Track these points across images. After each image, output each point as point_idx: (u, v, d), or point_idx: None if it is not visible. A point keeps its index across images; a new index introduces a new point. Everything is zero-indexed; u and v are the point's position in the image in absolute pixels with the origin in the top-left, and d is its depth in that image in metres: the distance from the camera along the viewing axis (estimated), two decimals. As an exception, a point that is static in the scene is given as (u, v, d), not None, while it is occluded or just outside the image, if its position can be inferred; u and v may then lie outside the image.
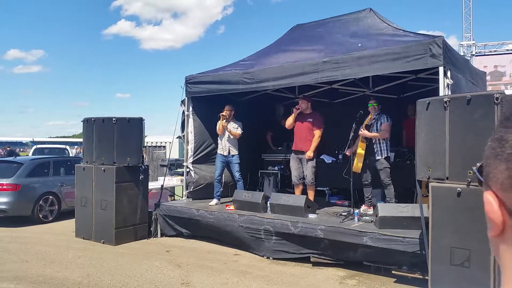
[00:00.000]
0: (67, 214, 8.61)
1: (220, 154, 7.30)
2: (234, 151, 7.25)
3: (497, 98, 3.60)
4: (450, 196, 3.89)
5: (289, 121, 6.87)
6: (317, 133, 6.67)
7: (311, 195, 6.71)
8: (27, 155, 17.51)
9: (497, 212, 0.49)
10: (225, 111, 7.18)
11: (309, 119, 6.76)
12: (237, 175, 7.26)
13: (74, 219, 7.36)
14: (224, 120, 7.17)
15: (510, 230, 0.48)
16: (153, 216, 7.20)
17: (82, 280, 5.00)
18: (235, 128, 7.20)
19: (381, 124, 6.23)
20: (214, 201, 7.18)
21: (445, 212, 3.97)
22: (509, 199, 0.48)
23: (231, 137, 7.21)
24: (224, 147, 7.27)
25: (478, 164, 0.58)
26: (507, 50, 21.06)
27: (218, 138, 7.37)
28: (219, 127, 7.20)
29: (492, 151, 0.51)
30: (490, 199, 0.50)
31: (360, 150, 6.27)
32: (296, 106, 6.87)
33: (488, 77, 13.16)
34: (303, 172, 6.76)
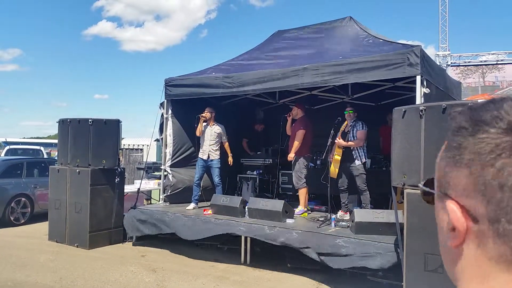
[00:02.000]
0: (40, 216, 8.39)
1: (200, 158, 7.25)
2: (215, 156, 7.20)
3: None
4: (425, 203, 3.94)
5: (287, 128, 6.97)
6: (296, 135, 6.70)
7: (300, 198, 6.73)
8: (-1, 156, 17.03)
9: (461, 219, 0.50)
10: (205, 113, 7.16)
11: (294, 125, 6.85)
12: (216, 179, 7.19)
13: (47, 222, 7.19)
14: (204, 122, 7.17)
15: (472, 234, 0.49)
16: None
17: (54, 285, 4.88)
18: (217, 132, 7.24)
19: (357, 131, 6.32)
20: (192, 205, 7.11)
21: (419, 219, 4.04)
22: (472, 205, 0.49)
23: (213, 141, 7.20)
24: (205, 151, 7.21)
25: (423, 180, 0.60)
26: (481, 61, 21.71)
27: (200, 141, 7.33)
28: (198, 128, 7.16)
29: (450, 160, 0.52)
30: (453, 208, 0.51)
31: (337, 156, 6.34)
32: (289, 113, 6.94)
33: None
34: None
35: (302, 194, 6.73)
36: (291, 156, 6.64)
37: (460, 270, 0.52)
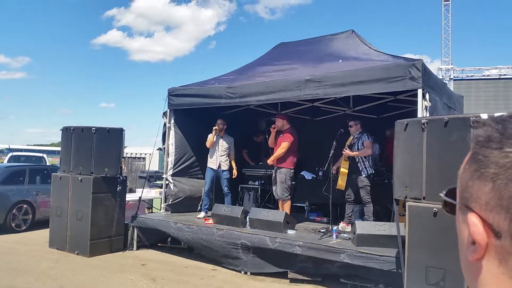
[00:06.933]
0: (42, 223, 8.38)
1: (210, 168, 7.33)
2: (225, 166, 7.36)
3: (473, 122, 3.71)
4: (427, 216, 3.96)
5: (271, 140, 6.93)
6: (282, 144, 6.66)
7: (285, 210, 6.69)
8: (2, 162, 17.07)
9: (482, 233, 0.49)
10: (218, 125, 7.26)
11: (281, 135, 6.79)
12: (225, 189, 7.36)
13: (48, 229, 7.19)
14: (216, 134, 7.25)
15: (494, 250, 0.48)
16: (129, 228, 7.09)
17: (54, 292, 4.87)
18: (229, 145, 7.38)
19: (362, 142, 6.32)
20: (202, 213, 7.22)
21: (421, 232, 4.03)
22: (495, 219, 0.48)
23: (224, 152, 7.33)
24: (215, 161, 7.33)
25: (444, 190, 0.58)
26: (484, 75, 21.78)
27: (210, 152, 7.39)
28: (210, 139, 7.22)
29: (474, 173, 0.51)
30: (475, 221, 0.50)
31: (344, 169, 6.35)
32: (272, 125, 6.93)
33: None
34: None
35: (287, 207, 6.68)
36: (270, 160, 6.68)
37: (480, 284, 0.50)
